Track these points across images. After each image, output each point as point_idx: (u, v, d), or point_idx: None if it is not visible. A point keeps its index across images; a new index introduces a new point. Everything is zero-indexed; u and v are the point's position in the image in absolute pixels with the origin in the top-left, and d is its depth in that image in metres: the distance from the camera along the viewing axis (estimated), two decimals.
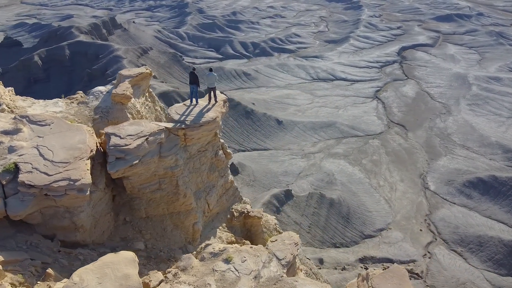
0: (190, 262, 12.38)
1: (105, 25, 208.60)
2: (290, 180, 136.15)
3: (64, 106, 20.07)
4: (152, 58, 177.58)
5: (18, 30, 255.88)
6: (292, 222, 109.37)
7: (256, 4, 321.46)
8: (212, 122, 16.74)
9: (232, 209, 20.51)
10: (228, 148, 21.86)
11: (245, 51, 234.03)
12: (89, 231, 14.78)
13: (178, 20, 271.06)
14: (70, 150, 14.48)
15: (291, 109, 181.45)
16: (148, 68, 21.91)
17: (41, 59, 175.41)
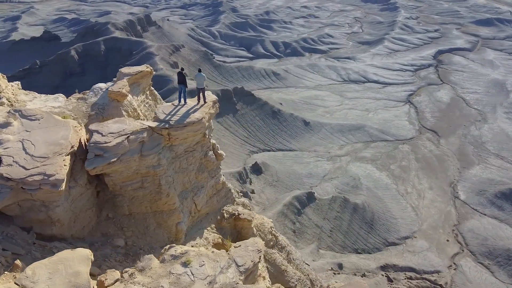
0: (150, 263, 12.22)
1: (140, 22, 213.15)
2: (314, 182, 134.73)
3: (64, 102, 20.38)
4: (183, 55, 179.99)
5: (57, 24, 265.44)
6: (313, 225, 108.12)
7: (289, 3, 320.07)
8: (198, 123, 16.52)
9: (223, 210, 20.23)
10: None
11: (276, 51, 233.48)
12: (67, 226, 14.89)
13: (211, 19, 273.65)
14: (51, 145, 14.64)
15: (319, 110, 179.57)
16: (149, 67, 21.97)
17: (77, 53, 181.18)
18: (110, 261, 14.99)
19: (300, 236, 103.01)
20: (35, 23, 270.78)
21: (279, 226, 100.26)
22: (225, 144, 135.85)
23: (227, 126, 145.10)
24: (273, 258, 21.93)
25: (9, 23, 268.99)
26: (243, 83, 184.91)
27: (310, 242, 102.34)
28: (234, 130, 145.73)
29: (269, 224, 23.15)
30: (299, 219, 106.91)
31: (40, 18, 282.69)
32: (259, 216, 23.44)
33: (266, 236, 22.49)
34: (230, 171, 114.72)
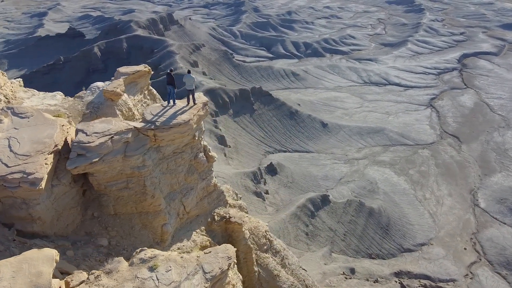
0: (118, 265, 12.09)
1: (162, 20, 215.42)
2: (329, 185, 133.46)
3: (61, 100, 20.54)
4: (203, 54, 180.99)
5: (82, 21, 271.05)
6: (326, 228, 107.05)
7: (312, 4, 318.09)
8: (184, 125, 16.32)
9: (214, 212, 20.00)
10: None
11: (297, 51, 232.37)
12: (50, 223, 14.94)
13: (233, 18, 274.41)
14: (35, 144, 14.71)
15: (338, 112, 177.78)
16: (147, 67, 21.91)
17: (100, 50, 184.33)
18: (90, 260, 14.95)
19: (313, 239, 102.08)
20: (60, 20, 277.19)
21: (291, 228, 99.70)
22: (241, 143, 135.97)
23: (243, 125, 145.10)
24: (266, 262, 21.60)
25: (36, 19, 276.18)
26: (261, 83, 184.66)
27: (322, 245, 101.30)
28: (250, 130, 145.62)
29: (264, 227, 22.81)
30: (312, 221, 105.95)
31: (66, 15, 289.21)
32: (254, 220, 23.12)
33: (260, 240, 22.16)
34: (245, 170, 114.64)
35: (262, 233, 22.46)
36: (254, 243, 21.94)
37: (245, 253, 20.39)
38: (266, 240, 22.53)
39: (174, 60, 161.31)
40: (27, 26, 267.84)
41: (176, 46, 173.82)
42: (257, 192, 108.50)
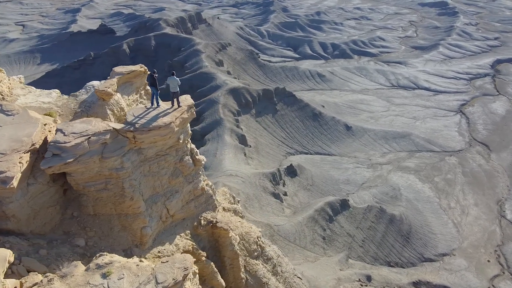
0: (73, 270, 11.85)
1: (191, 19, 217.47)
2: (351, 189, 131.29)
3: (55, 98, 20.59)
4: (229, 54, 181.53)
5: (114, 18, 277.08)
6: (344, 233, 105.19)
7: (342, 4, 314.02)
8: (165, 128, 15.98)
9: (201, 216, 19.60)
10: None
11: (324, 52, 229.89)
12: (26, 221, 14.92)
13: (261, 18, 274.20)
14: (13, 142, 14.72)
15: (363, 115, 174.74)
16: (143, 67, 21.68)
17: (129, 47, 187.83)
18: (63, 260, 14.82)
19: (330, 244, 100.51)
20: (93, 16, 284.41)
21: (308, 232, 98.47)
22: (261, 143, 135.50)
23: (265, 126, 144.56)
24: (255, 269, 21.06)
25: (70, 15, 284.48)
26: (286, 83, 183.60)
27: (339, 251, 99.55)
28: (272, 130, 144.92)
29: (256, 233, 22.26)
30: (330, 226, 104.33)
31: (99, 11, 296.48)
32: (247, 225, 22.60)
33: (250, 246, 21.62)
34: (264, 171, 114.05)
35: (254, 239, 21.91)
36: (244, 249, 21.43)
37: (232, 259, 19.93)
38: (257, 247, 21.96)
39: (199, 59, 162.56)
40: (61, 21, 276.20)
41: (203, 45, 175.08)
42: (275, 194, 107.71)
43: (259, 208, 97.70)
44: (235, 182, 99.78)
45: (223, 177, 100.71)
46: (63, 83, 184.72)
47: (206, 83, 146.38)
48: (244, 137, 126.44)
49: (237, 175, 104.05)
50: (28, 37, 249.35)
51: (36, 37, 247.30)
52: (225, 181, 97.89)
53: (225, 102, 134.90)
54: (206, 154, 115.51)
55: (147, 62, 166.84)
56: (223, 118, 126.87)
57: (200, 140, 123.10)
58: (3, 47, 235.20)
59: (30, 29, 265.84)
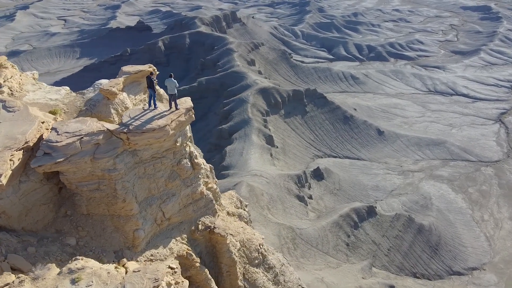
0: (45, 273, 11.62)
1: (226, 18, 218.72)
2: (379, 196, 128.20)
3: (64, 95, 20.62)
4: (261, 53, 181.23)
5: (152, 16, 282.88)
6: (369, 241, 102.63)
7: (381, 6, 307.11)
8: (159, 130, 15.58)
9: (200, 221, 19.15)
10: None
11: (359, 54, 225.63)
12: (17, 218, 14.91)
13: (296, 18, 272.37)
14: (7, 139, 14.74)
15: (396, 120, 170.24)
16: (152, 66, 21.44)
17: (164, 45, 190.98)
18: (50, 259, 14.68)
19: (353, 251, 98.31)
20: (132, 13, 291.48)
21: (331, 237, 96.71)
22: (289, 145, 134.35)
23: (294, 127, 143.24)
24: (254, 278, 20.43)
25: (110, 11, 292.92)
26: (318, 84, 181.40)
27: (363, 258, 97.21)
28: (300, 132, 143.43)
29: (259, 241, 21.59)
30: (355, 232, 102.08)
31: (138, 9, 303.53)
32: (249, 231, 21.97)
33: (251, 253, 20.98)
34: (290, 173, 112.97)
35: (255, 247, 21.25)
36: (244, 256, 20.80)
37: (229, 266, 19.39)
38: (259, 254, 21.30)
39: (231, 58, 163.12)
40: (101, 17, 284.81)
41: (235, 44, 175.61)
42: (300, 196, 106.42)
43: (282, 210, 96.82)
44: (259, 182, 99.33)
45: (248, 177, 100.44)
46: (99, 77, 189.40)
47: (237, 82, 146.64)
48: (272, 137, 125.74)
49: (261, 175, 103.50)
50: (69, 32, 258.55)
51: (76, 32, 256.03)
52: (249, 181, 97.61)
53: (254, 101, 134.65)
54: (232, 153, 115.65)
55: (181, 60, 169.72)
56: (251, 118, 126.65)
57: (228, 138, 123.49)
58: (45, 40, 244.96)
59: (72, 24, 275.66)
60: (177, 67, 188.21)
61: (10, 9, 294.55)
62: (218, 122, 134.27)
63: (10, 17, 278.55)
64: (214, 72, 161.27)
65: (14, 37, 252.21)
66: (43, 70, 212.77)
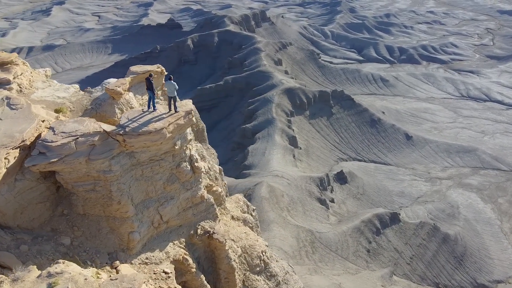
0: (25, 275, 11.50)
1: (255, 17, 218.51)
2: (404, 202, 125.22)
3: (72, 93, 20.70)
4: (289, 53, 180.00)
5: (183, 14, 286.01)
6: (391, 248, 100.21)
7: (415, 7, 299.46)
8: (155, 133, 15.28)
9: (199, 225, 18.79)
10: None
11: (390, 56, 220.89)
12: (12, 216, 14.96)
13: (327, 18, 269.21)
14: (4, 137, 14.83)
15: (426, 125, 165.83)
16: (160, 67, 21.27)
17: (193, 43, 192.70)
18: (42, 258, 14.64)
19: (374, 257, 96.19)
20: (164, 11, 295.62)
21: (352, 242, 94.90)
22: (313, 146, 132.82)
23: (318, 128, 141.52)
24: (255, 285, 19.91)
25: (142, 8, 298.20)
26: (346, 86, 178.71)
27: (384, 266, 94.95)
28: (325, 134, 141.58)
29: (262, 247, 21.05)
30: (376, 239, 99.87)
31: (169, 6, 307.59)
32: (253, 237, 21.45)
33: (253, 260, 20.47)
34: (312, 175, 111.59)
35: (257, 253, 20.73)
36: (245, 263, 20.31)
37: (227, 272, 18.96)
38: (260, 262, 20.76)
39: (258, 57, 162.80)
40: (134, 14, 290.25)
41: (263, 43, 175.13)
42: (321, 199, 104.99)
43: (302, 213, 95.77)
44: (280, 183, 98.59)
45: (269, 177, 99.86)
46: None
47: (263, 82, 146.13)
48: (295, 138, 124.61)
49: (283, 176, 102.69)
50: (103, 28, 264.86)
51: (109, 28, 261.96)
52: (270, 182, 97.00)
53: (279, 101, 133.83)
54: (254, 153, 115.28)
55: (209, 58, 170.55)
56: (275, 118, 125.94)
57: (251, 138, 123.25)
58: (79, 35, 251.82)
59: (105, 20, 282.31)
60: (205, 66, 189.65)
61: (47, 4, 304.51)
62: (242, 121, 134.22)
63: (46, 11, 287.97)
64: (241, 71, 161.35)
65: (50, 32, 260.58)
66: (76, 64, 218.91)
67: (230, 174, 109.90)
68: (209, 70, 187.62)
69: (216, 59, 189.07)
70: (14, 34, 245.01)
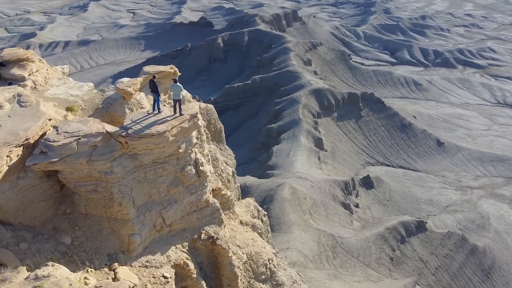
0: (14, 275, 11.38)
1: (286, 17, 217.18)
2: (432, 211, 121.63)
3: (85, 91, 20.70)
4: (319, 53, 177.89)
5: (215, 12, 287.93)
6: (416, 257, 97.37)
7: (452, 10, 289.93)
8: (157, 136, 14.96)
9: (203, 230, 18.41)
10: None
11: (424, 59, 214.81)
12: (14, 213, 15.01)
13: (360, 19, 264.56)
14: (9, 135, 14.88)
15: (459, 131, 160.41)
16: (173, 68, 21.01)
17: (223, 41, 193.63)
18: (41, 256, 14.62)
19: (397, 266, 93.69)
20: (197, 9, 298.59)
21: (374, 249, 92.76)
22: (339, 149, 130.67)
23: (346, 131, 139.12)
24: None
25: (176, 6, 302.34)
26: (377, 88, 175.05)
27: (407, 275, 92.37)
28: (353, 137, 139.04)
29: (268, 255, 20.46)
30: (401, 247, 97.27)
31: (202, 5, 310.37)
32: (260, 244, 20.88)
33: (258, 268, 19.92)
34: (337, 178, 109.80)
35: (263, 261, 20.16)
36: (249, 270, 19.78)
37: (230, 279, 18.50)
38: (266, 270, 20.18)
39: (287, 57, 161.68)
40: (167, 12, 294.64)
41: (293, 43, 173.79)
42: (345, 204, 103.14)
43: (324, 217, 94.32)
44: (303, 185, 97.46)
45: (292, 179, 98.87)
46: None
47: (291, 82, 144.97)
48: (321, 140, 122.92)
49: (306, 178, 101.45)
50: (137, 24, 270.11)
51: (143, 25, 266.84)
52: (293, 183, 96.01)
53: (306, 102, 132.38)
54: (279, 153, 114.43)
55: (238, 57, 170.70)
56: (301, 119, 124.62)
57: (276, 138, 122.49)
58: (114, 31, 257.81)
59: (139, 17, 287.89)
60: (234, 64, 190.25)
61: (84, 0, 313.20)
62: (268, 121, 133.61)
63: (83, 7, 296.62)
64: (269, 71, 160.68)
65: (86, 27, 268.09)
66: (109, 60, 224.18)
67: (253, 174, 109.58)
68: (238, 69, 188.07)
69: (245, 58, 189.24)
70: (52, 28, 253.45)
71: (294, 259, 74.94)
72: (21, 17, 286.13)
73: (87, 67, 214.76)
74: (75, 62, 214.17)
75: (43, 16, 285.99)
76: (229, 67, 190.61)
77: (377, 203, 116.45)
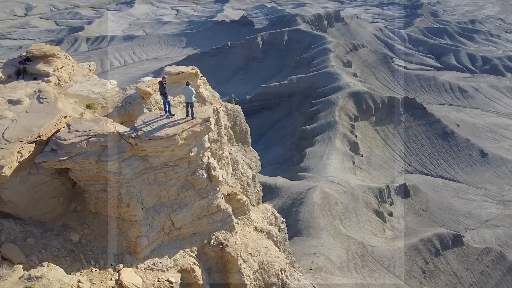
0: (9, 274, 11.35)
1: (328, 17, 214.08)
2: (471, 224, 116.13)
3: (108, 89, 20.80)
4: (360, 55, 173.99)
5: (257, 11, 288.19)
6: (450, 272, 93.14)
7: (503, 15, 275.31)
8: (167, 139, 14.68)
9: (213, 235, 17.99)
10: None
11: (471, 65, 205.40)
12: (24, 208, 15.18)
13: (405, 21, 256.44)
14: (23, 131, 15.13)
15: (505, 142, 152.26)
16: (194, 68, 20.79)
17: (262, 40, 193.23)
18: (46, 253, 14.70)
19: (430, 279, 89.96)
20: (239, 8, 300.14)
21: (406, 261, 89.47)
22: (375, 155, 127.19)
23: (384, 136, 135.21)
24: None
25: (218, 4, 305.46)
26: (419, 93, 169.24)
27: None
28: (391, 143, 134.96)
29: (281, 265, 19.73)
30: (434, 260, 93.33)
31: (244, 3, 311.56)
32: (274, 253, 20.18)
33: (269, 277, 19.24)
34: (371, 185, 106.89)
35: (275, 271, 19.46)
36: (260, 279, 19.17)
37: (237, 287, 18.05)
38: (278, 280, 19.47)
39: (327, 58, 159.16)
40: (210, 10, 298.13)
41: (333, 44, 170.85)
42: (379, 212, 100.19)
43: (356, 224, 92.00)
44: (335, 190, 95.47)
45: (324, 182, 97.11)
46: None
47: (329, 83, 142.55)
48: (357, 144, 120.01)
49: (339, 183, 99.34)
50: (180, 22, 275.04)
51: (186, 22, 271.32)
52: (325, 187, 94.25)
53: (343, 105, 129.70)
54: (312, 155, 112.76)
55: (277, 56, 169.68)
56: (337, 122, 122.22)
57: (310, 140, 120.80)
58: (157, 28, 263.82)
59: (183, 15, 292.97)
60: (273, 64, 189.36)
61: None
62: (303, 122, 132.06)
63: (129, 3, 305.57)
64: (307, 71, 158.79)
65: (131, 23, 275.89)
66: (152, 55, 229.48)
67: (285, 175, 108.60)
68: (276, 68, 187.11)
69: (284, 58, 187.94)
70: (99, 23, 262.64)
71: (320, 265, 73.54)
72: (71, 11, 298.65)
73: (130, 62, 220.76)
74: (119, 57, 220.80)
75: (92, 11, 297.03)
76: (267, 66, 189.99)
77: (412, 213, 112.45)
